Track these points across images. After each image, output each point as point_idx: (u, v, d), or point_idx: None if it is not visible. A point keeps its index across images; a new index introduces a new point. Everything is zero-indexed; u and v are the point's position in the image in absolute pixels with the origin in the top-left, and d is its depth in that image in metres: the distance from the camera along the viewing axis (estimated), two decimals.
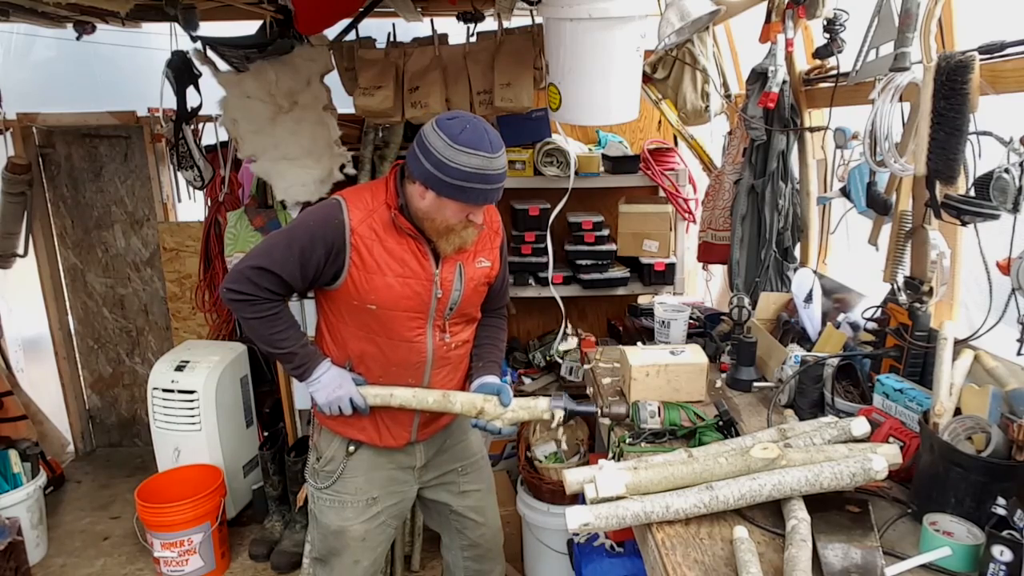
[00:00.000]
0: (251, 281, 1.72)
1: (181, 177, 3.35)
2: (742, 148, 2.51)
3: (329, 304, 1.83)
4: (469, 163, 1.58)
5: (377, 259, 1.71)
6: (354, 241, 1.69)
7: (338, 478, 1.91)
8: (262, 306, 1.74)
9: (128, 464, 3.91)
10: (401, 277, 1.72)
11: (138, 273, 3.87)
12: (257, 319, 1.76)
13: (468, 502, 2.07)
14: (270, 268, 1.70)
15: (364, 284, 1.71)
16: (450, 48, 2.72)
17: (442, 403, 1.81)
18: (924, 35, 1.53)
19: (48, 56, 3.53)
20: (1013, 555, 1.09)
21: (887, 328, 1.75)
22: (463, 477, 2.05)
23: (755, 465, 1.35)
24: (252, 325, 1.78)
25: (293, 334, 1.78)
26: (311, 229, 1.70)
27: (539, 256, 3.11)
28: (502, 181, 1.66)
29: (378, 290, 1.72)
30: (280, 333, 1.77)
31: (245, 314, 1.77)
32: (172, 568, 2.83)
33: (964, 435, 1.31)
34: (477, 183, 1.60)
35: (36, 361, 3.87)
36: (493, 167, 1.61)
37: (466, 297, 1.82)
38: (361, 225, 1.70)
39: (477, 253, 1.83)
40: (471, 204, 1.65)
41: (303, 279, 1.73)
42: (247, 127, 2.73)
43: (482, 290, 1.88)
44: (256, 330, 1.78)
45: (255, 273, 1.72)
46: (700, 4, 1.98)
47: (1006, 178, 1.34)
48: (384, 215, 1.72)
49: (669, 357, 1.92)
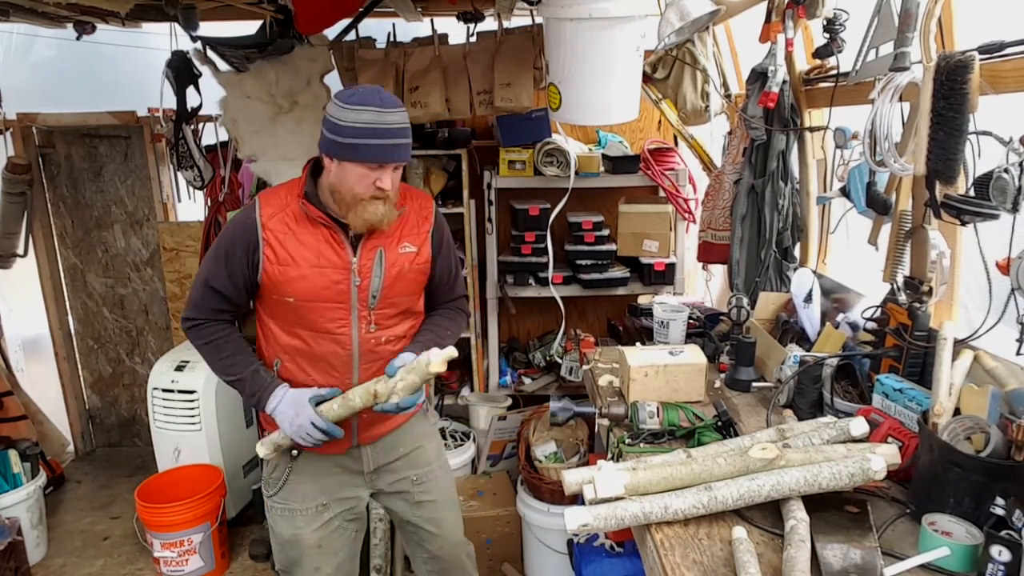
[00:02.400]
0: (195, 304, 1.77)
1: (181, 177, 3.36)
2: (742, 148, 2.51)
3: (258, 303, 1.84)
4: (359, 119, 1.58)
5: (290, 251, 1.70)
6: (265, 236, 1.70)
7: (284, 484, 1.88)
8: (207, 329, 1.77)
9: (128, 464, 3.91)
10: (316, 267, 1.71)
11: (138, 273, 3.87)
12: (204, 344, 1.77)
13: (423, 512, 2.00)
14: (207, 283, 1.74)
15: (279, 277, 1.71)
16: (450, 48, 2.73)
17: (350, 403, 1.73)
18: (924, 35, 1.53)
19: (48, 56, 3.53)
20: (1011, 555, 1.08)
21: (886, 328, 1.75)
22: (417, 487, 1.98)
23: (754, 465, 1.35)
24: (203, 352, 1.79)
25: (242, 360, 1.77)
26: (230, 234, 1.74)
27: (539, 256, 3.11)
28: (400, 137, 1.63)
29: (292, 282, 1.71)
30: (228, 359, 1.77)
31: (195, 341, 1.79)
32: (172, 568, 2.83)
33: (963, 435, 1.31)
34: (369, 138, 1.59)
35: (36, 361, 3.87)
36: (385, 121, 1.59)
37: (388, 284, 1.77)
38: (272, 220, 1.70)
39: (401, 238, 1.79)
40: (368, 162, 1.61)
41: (235, 287, 1.75)
42: (247, 127, 2.73)
43: (412, 279, 1.83)
44: (207, 357, 1.79)
45: (197, 293, 1.76)
46: (700, 4, 1.98)
47: (1006, 178, 1.34)
48: (296, 207, 1.72)
49: (668, 357, 1.92)
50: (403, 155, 1.66)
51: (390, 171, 1.65)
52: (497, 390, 3.34)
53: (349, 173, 1.63)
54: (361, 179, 1.63)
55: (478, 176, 3.17)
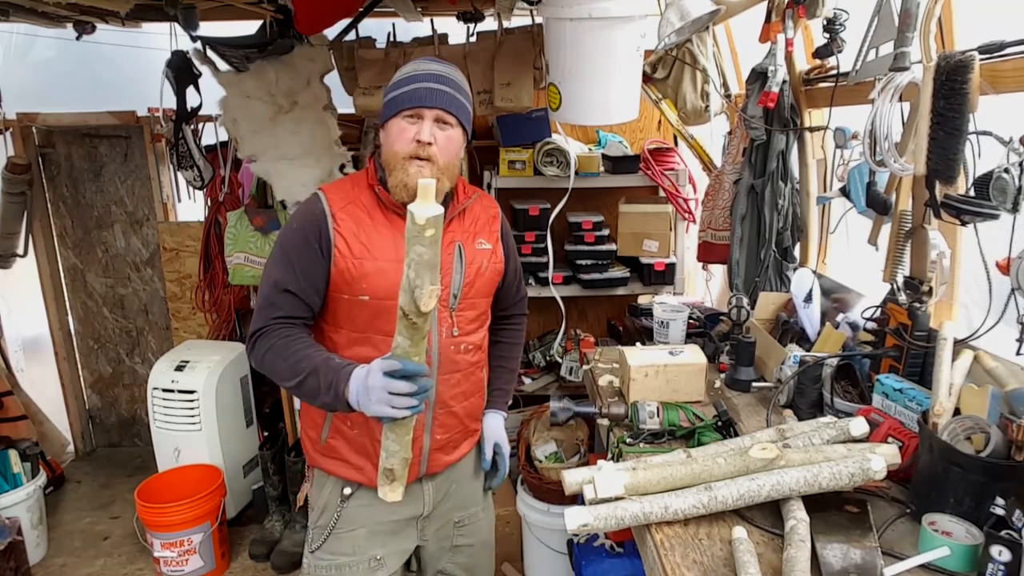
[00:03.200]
0: (262, 314, 1.54)
1: (181, 177, 3.36)
2: (742, 148, 2.51)
3: (321, 315, 1.63)
4: (404, 71, 1.53)
5: (364, 243, 1.53)
6: (336, 225, 1.53)
7: (332, 533, 1.61)
8: (272, 333, 1.52)
9: (128, 464, 3.91)
10: (395, 261, 1.50)
11: (138, 273, 3.87)
12: (269, 350, 1.50)
13: (459, 559, 1.78)
14: (276, 287, 1.53)
15: (353, 271, 1.52)
16: (450, 48, 2.73)
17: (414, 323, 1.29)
18: (924, 35, 1.53)
19: (48, 56, 3.53)
20: (1011, 555, 1.08)
21: (886, 328, 1.75)
22: (458, 530, 1.76)
23: (754, 465, 1.35)
24: (268, 362, 1.51)
25: (313, 353, 1.48)
26: (297, 231, 1.56)
27: (539, 256, 3.11)
28: (439, 83, 1.50)
29: (369, 276, 1.52)
30: (296, 354, 1.48)
31: (259, 353, 1.53)
32: (172, 568, 2.83)
33: (963, 435, 1.31)
34: (405, 85, 1.50)
35: (36, 361, 3.87)
36: (424, 68, 1.51)
37: (469, 283, 1.61)
38: (342, 211, 1.54)
39: (477, 234, 1.65)
40: (404, 110, 1.49)
41: (311, 285, 1.54)
42: (247, 127, 2.73)
43: (489, 277, 1.67)
44: (274, 365, 1.50)
45: (264, 302, 1.54)
46: (700, 4, 1.98)
47: (1006, 178, 1.34)
48: (369, 198, 1.58)
49: (668, 357, 1.92)
50: (442, 101, 1.49)
51: (430, 122, 1.49)
52: None
53: (390, 131, 1.51)
54: (401, 134, 1.49)
55: (478, 176, 3.17)
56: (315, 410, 1.63)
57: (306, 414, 1.71)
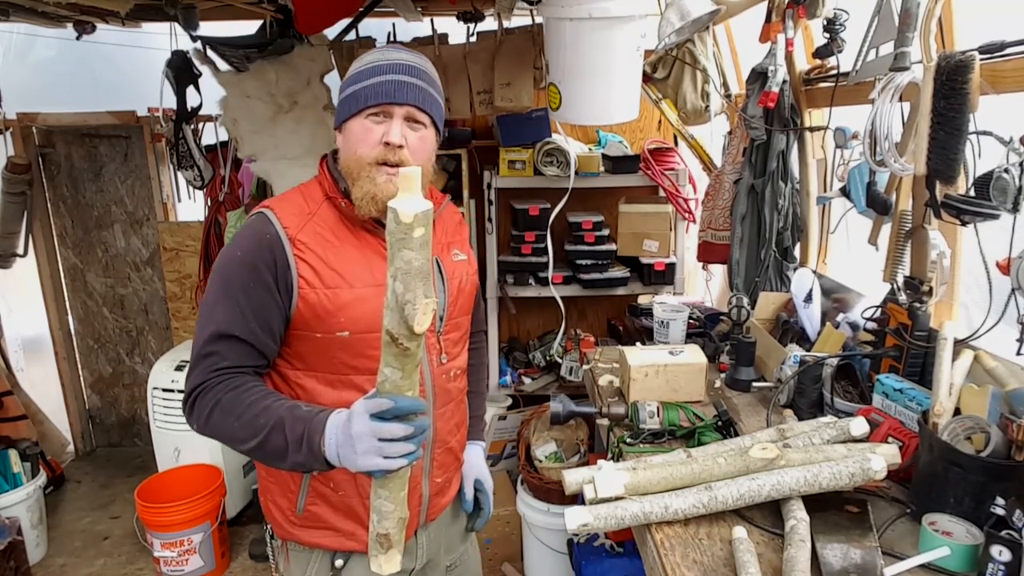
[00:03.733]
0: (199, 367, 1.24)
1: (181, 177, 3.36)
2: (742, 148, 2.51)
3: (280, 356, 1.33)
4: (360, 63, 1.30)
5: (336, 268, 1.28)
6: (297, 251, 1.26)
7: None
8: (214, 388, 1.22)
9: (128, 464, 3.91)
10: (373, 286, 1.29)
11: (138, 273, 3.87)
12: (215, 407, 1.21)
13: None
14: (218, 336, 1.24)
15: (328, 304, 1.26)
16: (450, 48, 2.73)
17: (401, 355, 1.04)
18: (924, 35, 1.53)
19: (48, 56, 3.53)
20: (1012, 555, 1.08)
21: (887, 328, 1.75)
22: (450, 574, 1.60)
23: (754, 465, 1.35)
24: (215, 422, 1.21)
25: (272, 403, 1.20)
26: (243, 261, 1.26)
27: (539, 256, 3.12)
28: (407, 74, 1.27)
29: (347, 308, 1.27)
30: (251, 408, 1.20)
31: (201, 414, 1.22)
32: (172, 568, 2.83)
33: (963, 435, 1.31)
34: (367, 78, 1.26)
35: (36, 361, 3.87)
36: (388, 57, 1.28)
37: (453, 300, 1.42)
38: (302, 231, 1.28)
39: (450, 244, 1.46)
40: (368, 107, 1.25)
41: (265, 328, 1.26)
42: (247, 127, 2.73)
43: (469, 292, 1.49)
44: (223, 425, 1.21)
45: (202, 353, 1.25)
46: (700, 4, 1.98)
47: (1006, 178, 1.34)
48: (329, 214, 1.32)
49: (668, 357, 1.92)
50: (413, 96, 1.26)
51: (399, 121, 1.26)
52: (497, 390, 3.34)
53: (351, 133, 1.28)
54: (365, 136, 1.26)
55: (478, 176, 3.17)
56: (285, 473, 1.34)
57: (273, 480, 1.40)
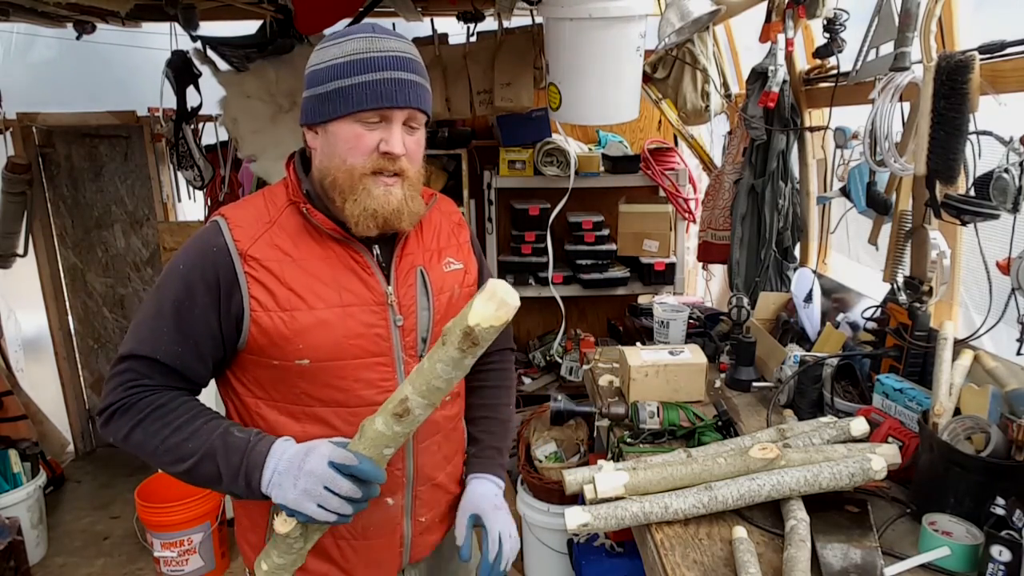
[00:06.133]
0: (117, 386, 1.11)
1: (181, 177, 3.36)
2: (742, 148, 2.51)
3: (239, 381, 1.21)
4: (342, 51, 1.10)
5: (295, 287, 1.12)
6: (249, 270, 1.11)
7: None
8: (136, 405, 1.10)
9: (128, 464, 3.91)
10: (340, 307, 1.14)
11: (138, 273, 3.87)
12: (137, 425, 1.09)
13: None
14: (141, 354, 1.10)
15: (283, 329, 1.11)
16: (450, 48, 2.73)
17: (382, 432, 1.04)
18: (924, 35, 1.53)
19: (48, 56, 3.53)
20: (1012, 555, 1.08)
21: (887, 328, 1.75)
22: None
23: (754, 465, 1.35)
24: (138, 440, 1.10)
25: (202, 425, 1.11)
26: (184, 275, 1.12)
27: (539, 256, 3.12)
28: (406, 70, 1.11)
29: (307, 333, 1.12)
30: (179, 431, 1.09)
31: (121, 433, 1.10)
32: (172, 568, 2.83)
33: (963, 435, 1.31)
34: (358, 74, 1.08)
35: (36, 361, 3.87)
36: (380, 48, 1.09)
37: (439, 320, 1.23)
38: (255, 245, 1.13)
39: (441, 251, 1.28)
40: (362, 111, 1.09)
41: (199, 357, 1.13)
42: (247, 127, 2.73)
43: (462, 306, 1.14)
44: (147, 445, 1.10)
45: (121, 372, 1.11)
46: (700, 4, 1.98)
47: (1006, 178, 1.34)
48: (292, 221, 1.16)
49: (668, 357, 1.92)
50: (414, 98, 1.11)
51: (399, 126, 1.12)
52: None
53: (338, 137, 1.11)
54: (355, 142, 1.10)
55: (478, 176, 3.17)
56: (255, 507, 1.24)
57: (244, 512, 1.29)
